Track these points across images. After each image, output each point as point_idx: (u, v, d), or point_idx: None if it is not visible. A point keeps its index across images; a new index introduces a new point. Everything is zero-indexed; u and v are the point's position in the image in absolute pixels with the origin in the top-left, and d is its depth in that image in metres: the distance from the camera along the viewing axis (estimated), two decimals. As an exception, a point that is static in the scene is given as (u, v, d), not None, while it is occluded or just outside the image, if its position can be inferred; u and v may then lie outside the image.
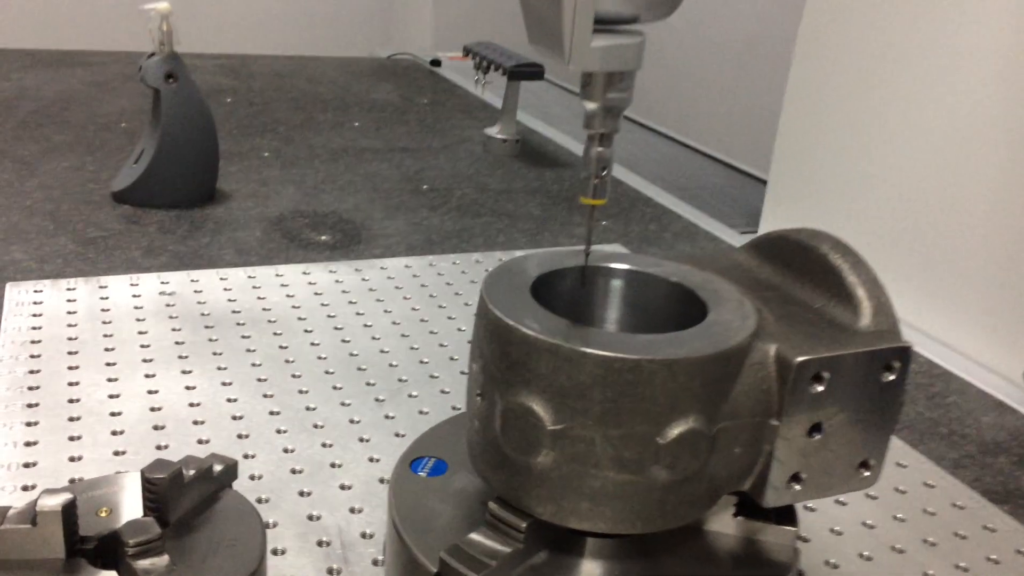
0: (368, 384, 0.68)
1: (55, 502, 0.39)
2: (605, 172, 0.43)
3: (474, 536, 0.40)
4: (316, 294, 0.83)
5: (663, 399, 0.37)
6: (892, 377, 0.41)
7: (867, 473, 0.42)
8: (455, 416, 0.53)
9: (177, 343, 0.71)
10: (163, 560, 0.39)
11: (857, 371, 0.40)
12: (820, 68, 0.99)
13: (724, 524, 0.44)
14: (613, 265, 0.45)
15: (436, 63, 2.05)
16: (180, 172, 1.04)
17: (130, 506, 0.43)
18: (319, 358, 0.71)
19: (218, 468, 0.45)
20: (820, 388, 0.39)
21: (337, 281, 0.86)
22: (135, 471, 0.43)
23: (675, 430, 0.37)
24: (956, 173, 0.84)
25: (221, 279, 0.84)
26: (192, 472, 0.44)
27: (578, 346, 0.37)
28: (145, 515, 0.42)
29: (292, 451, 0.59)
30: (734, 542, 0.44)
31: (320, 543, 0.51)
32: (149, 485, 0.42)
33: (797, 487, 0.41)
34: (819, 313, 0.43)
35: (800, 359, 0.38)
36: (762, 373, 0.39)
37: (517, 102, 1.42)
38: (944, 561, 0.55)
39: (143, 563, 0.38)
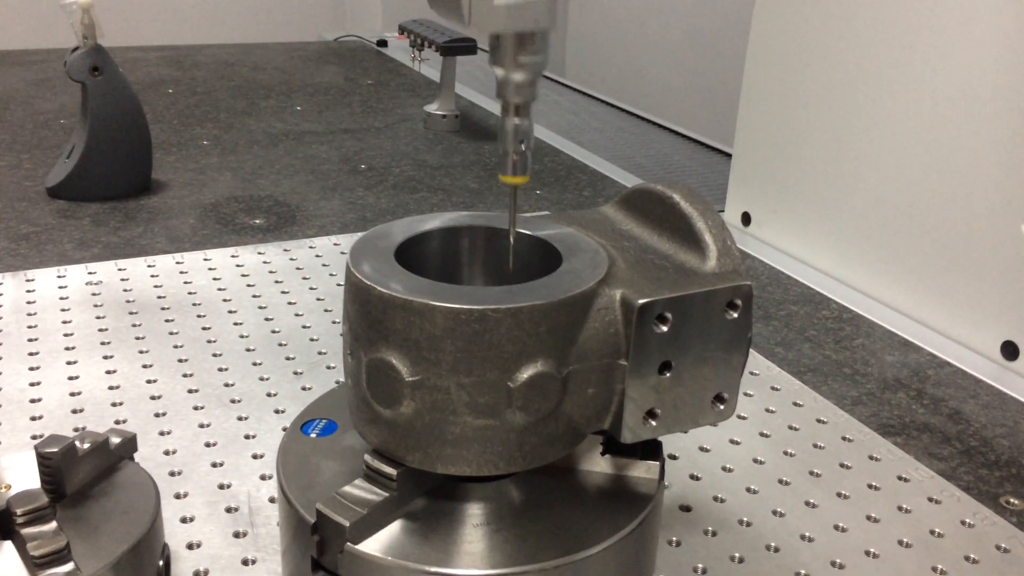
0: (287, 359, 0.70)
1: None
2: (524, 146, 0.40)
3: (349, 487, 0.42)
4: (243, 276, 0.85)
5: (510, 346, 0.39)
6: (736, 315, 0.43)
7: (722, 407, 0.45)
8: (353, 380, 0.55)
9: (100, 330, 0.73)
10: (51, 527, 0.41)
11: (700, 311, 0.42)
12: (782, 30, 0.97)
13: (593, 463, 0.47)
14: (477, 225, 0.47)
15: (383, 44, 2.05)
16: (112, 164, 1.06)
17: (29, 481, 0.45)
18: (241, 336, 0.73)
19: (116, 441, 0.48)
20: (664, 328, 0.41)
21: (265, 263, 0.88)
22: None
23: (524, 374, 0.40)
24: (925, 144, 0.86)
25: (148, 266, 0.85)
26: (87, 446, 0.46)
27: (428, 300, 0.39)
28: (42, 488, 0.44)
29: (207, 425, 0.62)
30: (602, 479, 0.46)
31: (229, 509, 0.53)
32: (43, 460, 0.44)
33: (653, 423, 0.43)
34: (670, 259, 0.45)
35: (642, 301, 0.41)
36: (609, 317, 0.42)
37: (454, 77, 1.44)
38: (827, 491, 0.57)
39: (31, 531, 0.41)
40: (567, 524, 0.43)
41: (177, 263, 0.87)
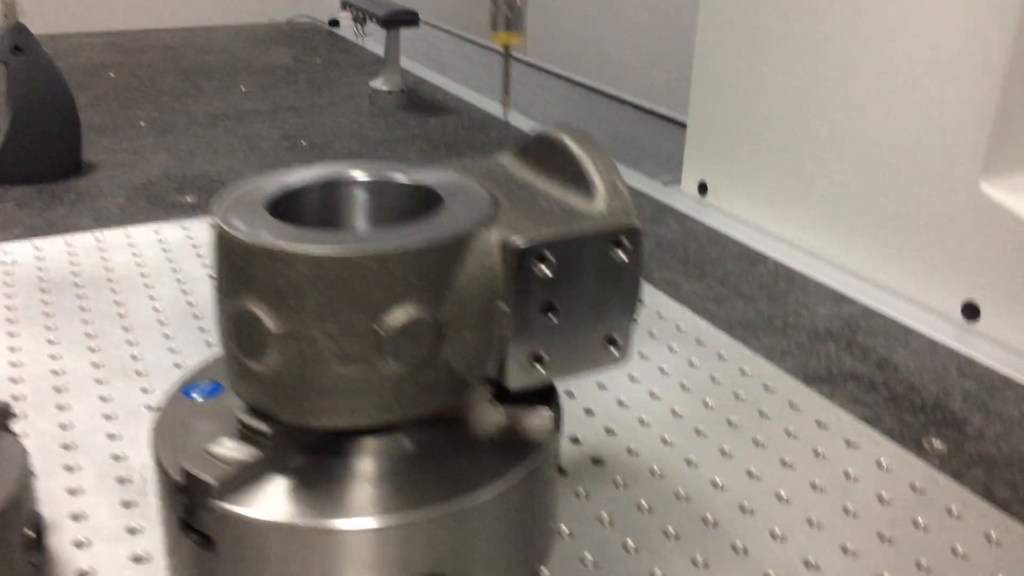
0: (200, 330, 0.69)
1: None
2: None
3: (220, 445, 0.41)
4: (164, 251, 0.83)
5: (378, 292, 0.38)
6: (624, 257, 0.42)
7: (615, 350, 0.43)
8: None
9: (8, 308, 0.71)
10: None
11: (585, 252, 0.41)
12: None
13: (484, 412, 0.45)
14: (357, 174, 0.46)
15: (334, 23, 2.02)
16: (38, 146, 1.03)
17: (-102, 454, 0.43)
18: (155, 310, 0.72)
19: (-13, 411, 0.46)
20: (547, 271, 0.40)
21: (189, 238, 0.86)
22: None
23: (395, 321, 0.38)
24: (883, 103, 0.83)
25: (67, 244, 0.83)
26: (-44, 416, 0.44)
27: (289, 246, 0.37)
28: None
29: (108, 399, 0.60)
30: (494, 428, 0.45)
31: (121, 480, 0.52)
32: (-93, 429, 0.42)
33: (540, 368, 0.42)
34: (559, 203, 0.44)
35: (521, 243, 0.39)
36: (488, 260, 0.40)
37: (398, 52, 1.41)
38: (743, 439, 0.56)
39: None
40: (453, 474, 0.42)
41: (96, 240, 0.84)
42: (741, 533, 0.48)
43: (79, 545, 0.47)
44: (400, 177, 0.45)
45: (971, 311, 0.74)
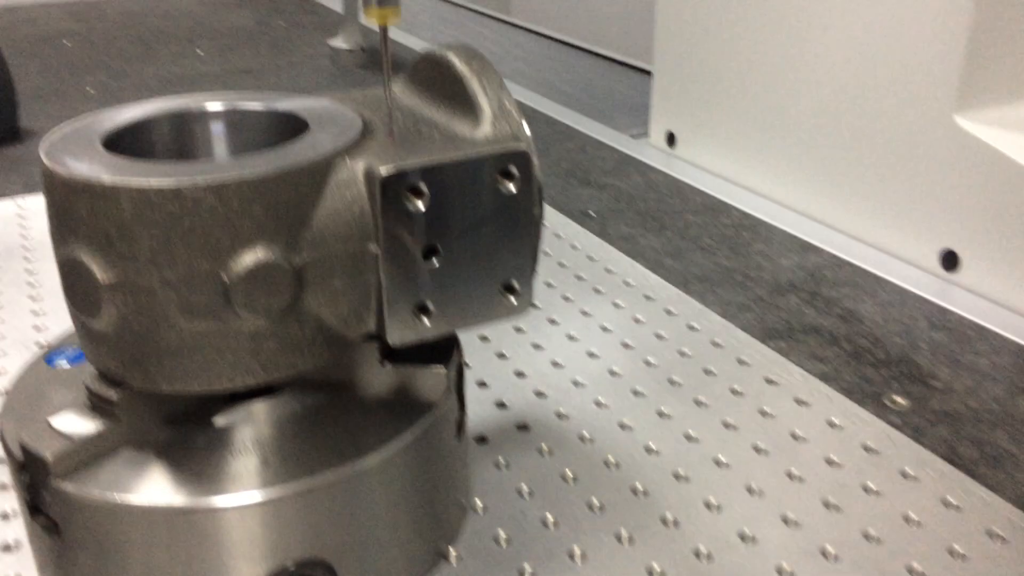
0: (109, 296, 0.64)
1: None
2: None
3: (64, 416, 0.36)
4: (86, 215, 0.78)
5: (218, 230, 0.33)
6: (513, 187, 0.36)
7: (513, 298, 0.38)
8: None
9: (-91, 278, 0.66)
10: None
11: (466, 182, 0.35)
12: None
13: (372, 374, 0.40)
14: (212, 104, 0.40)
15: (303, -14, 1.95)
16: (-33, 112, 0.98)
17: None
18: (64, 276, 0.67)
19: None
20: (420, 205, 0.35)
21: (116, 201, 0.81)
22: None
23: (242, 265, 0.33)
24: (850, 38, 0.78)
25: (-16, 212, 0.78)
26: None
27: (110, 179, 0.32)
28: None
29: (3, 373, 0.55)
30: (384, 390, 0.40)
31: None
32: None
33: (426, 320, 0.37)
34: (441, 128, 0.38)
35: (385, 172, 0.34)
36: (351, 193, 0.35)
37: (357, 8, 1.35)
38: (684, 400, 0.51)
39: None
40: (331, 442, 0.37)
41: (18, 207, 0.79)
42: (673, 503, 0.43)
43: (-58, 531, 0.43)
44: (260, 106, 0.40)
45: (951, 260, 0.68)
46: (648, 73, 1.34)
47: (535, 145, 0.37)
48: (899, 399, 0.53)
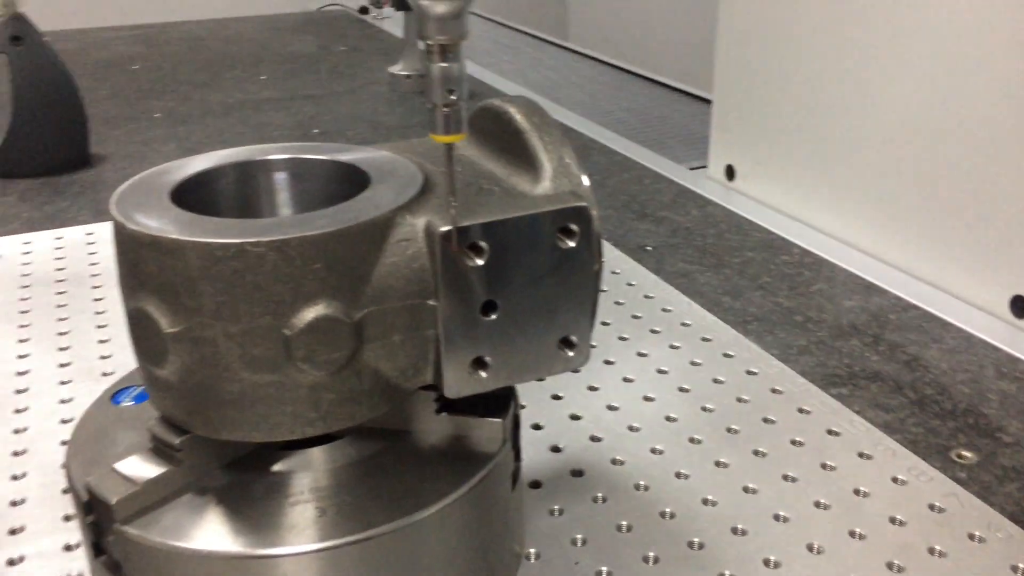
0: (172, 327, 0.65)
1: None
2: (455, 95, 0.33)
3: (129, 460, 0.37)
4: (152, 244, 0.79)
5: (280, 286, 0.33)
6: (572, 243, 0.36)
7: (571, 352, 0.38)
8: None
9: (-16, 305, 0.69)
10: None
11: (525, 238, 0.35)
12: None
13: (428, 423, 0.40)
14: (275, 157, 0.41)
15: (364, 11, 1.99)
16: (41, 138, 1.01)
17: None
18: (130, 306, 0.68)
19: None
20: (480, 261, 0.35)
21: (180, 230, 0.83)
22: None
23: (303, 320, 0.33)
24: (924, 79, 0.77)
25: (55, 239, 0.81)
26: None
27: (177, 236, 0.33)
28: None
29: (69, 400, 0.56)
30: (440, 441, 0.40)
31: (66, 491, 0.48)
32: None
33: (483, 374, 0.37)
34: (501, 183, 0.38)
35: (444, 228, 0.34)
36: (412, 249, 0.35)
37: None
38: (742, 449, 0.50)
39: None
40: (386, 493, 0.37)
41: (87, 235, 0.82)
42: (731, 559, 0.43)
43: (11, 563, 0.44)
44: (321, 157, 0.40)
45: (1021, 306, 0.66)
46: (708, 101, 1.33)
47: (591, 177, 0.37)
48: (966, 453, 0.51)
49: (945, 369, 0.60)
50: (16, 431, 0.53)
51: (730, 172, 0.96)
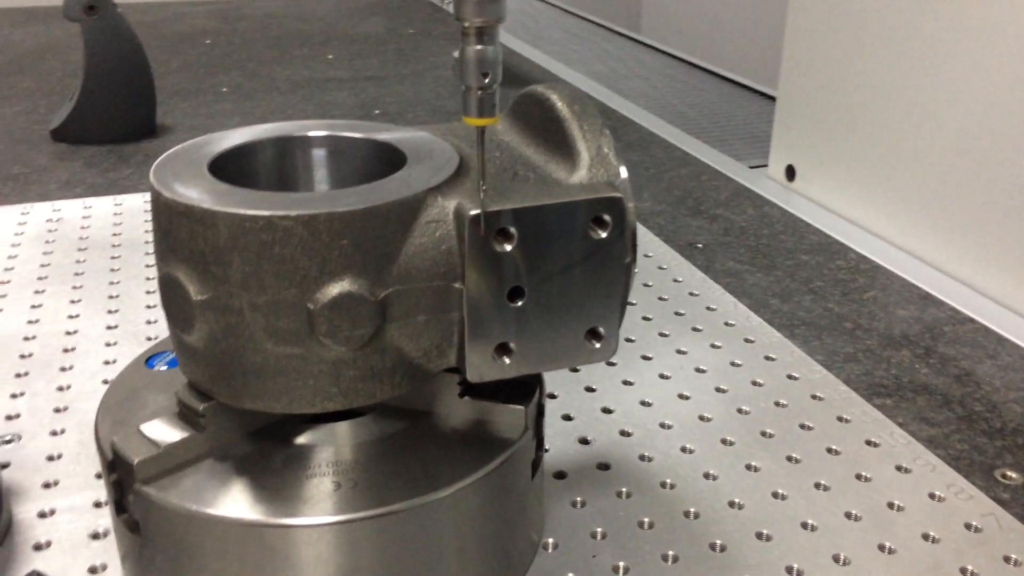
0: (219, 297, 0.66)
1: None
2: (489, 79, 0.33)
3: (155, 422, 0.37)
4: (207, 215, 0.81)
5: (306, 260, 0.33)
6: (604, 234, 0.36)
7: (597, 344, 0.37)
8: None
9: (43, 266, 0.71)
10: None
11: (556, 227, 0.35)
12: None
13: (451, 406, 0.40)
14: (315, 133, 0.41)
15: (436, -6, 1.99)
16: (110, 107, 1.03)
17: None
18: (180, 274, 0.70)
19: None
20: (508, 247, 0.34)
21: (236, 202, 0.84)
22: None
23: (327, 295, 0.34)
24: (995, 83, 0.74)
25: (115, 204, 0.83)
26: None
27: (210, 206, 0.33)
28: None
29: (113, 362, 0.58)
30: (460, 424, 0.40)
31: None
32: None
33: (507, 360, 0.36)
34: (537, 169, 0.38)
35: (474, 212, 0.34)
36: (441, 231, 0.35)
37: (484, 21, 1.36)
38: (775, 454, 0.49)
39: None
40: (400, 472, 0.37)
41: (145, 202, 0.83)
42: (752, 564, 0.42)
43: (42, 515, 0.45)
44: (358, 135, 0.40)
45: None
46: (773, 99, 1.31)
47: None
48: (1012, 474, 0.49)
49: (998, 386, 0.58)
50: (60, 388, 0.55)
51: (790, 172, 0.94)
